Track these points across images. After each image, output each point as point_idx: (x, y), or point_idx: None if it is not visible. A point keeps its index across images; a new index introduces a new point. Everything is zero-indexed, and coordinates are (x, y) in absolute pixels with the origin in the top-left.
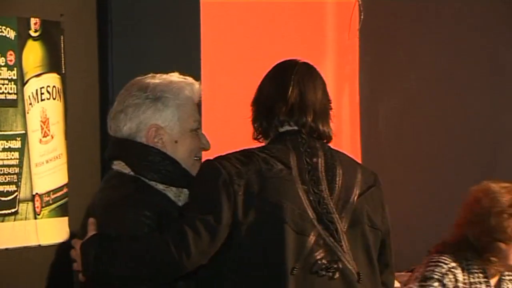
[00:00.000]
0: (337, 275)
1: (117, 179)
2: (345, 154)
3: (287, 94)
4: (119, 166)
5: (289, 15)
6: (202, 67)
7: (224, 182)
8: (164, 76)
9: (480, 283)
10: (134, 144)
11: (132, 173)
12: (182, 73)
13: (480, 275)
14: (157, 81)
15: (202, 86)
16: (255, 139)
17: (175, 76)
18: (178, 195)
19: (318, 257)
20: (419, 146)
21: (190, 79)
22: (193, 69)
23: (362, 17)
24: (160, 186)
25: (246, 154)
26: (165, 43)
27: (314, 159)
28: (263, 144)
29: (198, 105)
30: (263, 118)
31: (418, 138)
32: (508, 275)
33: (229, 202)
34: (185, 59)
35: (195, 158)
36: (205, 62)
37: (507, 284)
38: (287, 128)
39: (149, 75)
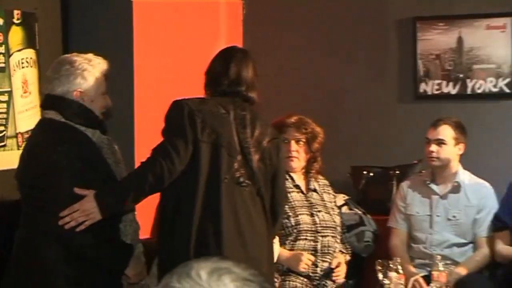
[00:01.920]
0: (247, 189)
1: (51, 125)
2: (260, 115)
3: (229, 71)
4: (51, 114)
5: (194, 12)
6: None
7: (188, 113)
8: (85, 55)
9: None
10: (67, 100)
11: (62, 119)
12: (118, 49)
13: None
14: (81, 58)
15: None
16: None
17: (91, 55)
18: (93, 134)
19: (238, 175)
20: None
21: (101, 59)
22: (126, 49)
23: (244, 11)
24: (82, 128)
25: (202, 99)
26: (108, 29)
27: (243, 113)
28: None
29: (106, 76)
30: (212, 85)
31: (286, 107)
32: (314, 177)
33: (191, 126)
34: (119, 41)
35: (103, 112)
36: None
37: (313, 182)
38: (227, 91)
39: (74, 53)
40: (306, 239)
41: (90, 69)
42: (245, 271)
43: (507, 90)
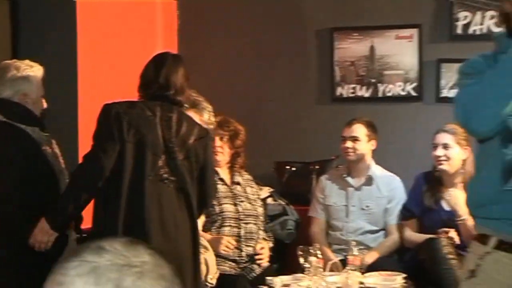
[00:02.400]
0: (171, 185)
1: None
2: (190, 116)
3: (159, 77)
4: None
5: (133, 14)
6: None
7: (114, 116)
8: (24, 61)
9: None
10: (11, 102)
11: (4, 119)
12: (63, 49)
13: None
14: (23, 65)
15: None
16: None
17: (29, 62)
18: (33, 131)
19: (163, 172)
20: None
21: (38, 65)
22: (70, 48)
23: (179, 21)
24: (22, 126)
25: (131, 102)
26: (54, 31)
27: (170, 114)
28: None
29: (43, 81)
30: (144, 89)
31: (218, 108)
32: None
33: (117, 128)
34: (64, 42)
35: (41, 112)
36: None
37: (238, 176)
38: (157, 95)
39: (14, 60)
40: (230, 225)
41: (33, 74)
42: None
43: (414, 94)
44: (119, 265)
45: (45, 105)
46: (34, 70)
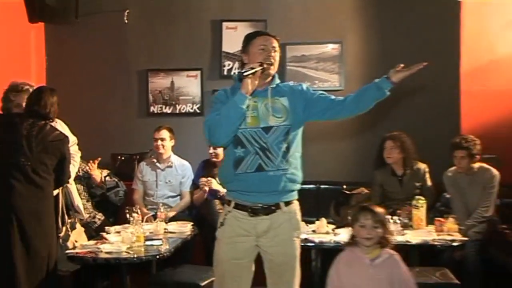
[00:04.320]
0: (29, 168)
1: None
2: (54, 126)
3: (40, 101)
4: None
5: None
6: None
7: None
8: None
9: None
10: None
11: None
12: None
13: None
14: None
15: None
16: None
17: None
18: None
19: (23, 159)
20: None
21: None
22: None
23: (47, 63)
24: None
25: (12, 114)
26: None
27: (37, 123)
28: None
29: None
30: (26, 107)
31: (75, 121)
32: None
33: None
34: None
35: None
36: None
37: None
38: (34, 113)
39: None
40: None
41: None
42: None
43: (198, 111)
44: None
45: None
46: None
